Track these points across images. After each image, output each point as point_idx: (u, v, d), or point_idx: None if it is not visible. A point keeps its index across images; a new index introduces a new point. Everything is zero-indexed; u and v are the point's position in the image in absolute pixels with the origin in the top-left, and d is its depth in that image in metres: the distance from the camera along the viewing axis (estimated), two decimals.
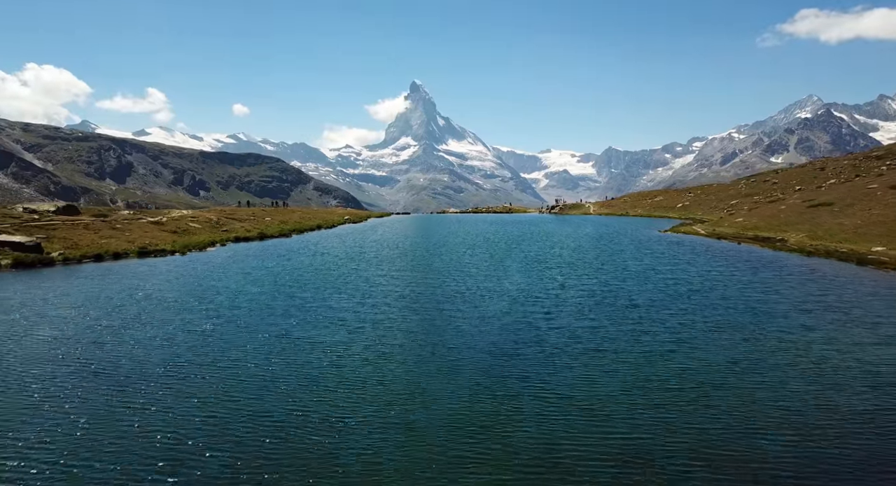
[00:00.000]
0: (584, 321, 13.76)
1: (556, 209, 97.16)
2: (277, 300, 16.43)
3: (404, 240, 38.82)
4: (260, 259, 26.73)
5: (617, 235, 41.45)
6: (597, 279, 20.33)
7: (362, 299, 16.75)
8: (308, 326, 13.39)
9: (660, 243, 35.44)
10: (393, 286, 19.02)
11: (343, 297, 17.03)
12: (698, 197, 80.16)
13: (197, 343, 11.88)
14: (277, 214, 56.41)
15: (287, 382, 9.59)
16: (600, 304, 15.87)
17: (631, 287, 18.57)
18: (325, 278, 20.68)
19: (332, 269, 23.30)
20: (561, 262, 25.52)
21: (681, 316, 14.27)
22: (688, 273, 21.53)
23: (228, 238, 36.85)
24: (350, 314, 14.63)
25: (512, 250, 30.79)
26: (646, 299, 16.45)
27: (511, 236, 41.16)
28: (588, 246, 32.88)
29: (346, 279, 20.46)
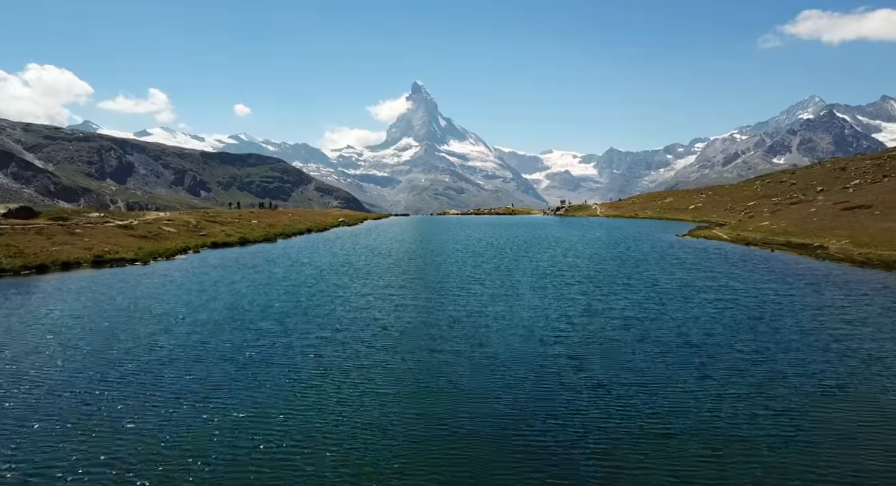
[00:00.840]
0: (629, 374, 10.04)
1: (562, 211, 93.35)
2: (222, 335, 12.72)
3: (399, 246, 35.15)
4: (229, 270, 23.06)
5: (632, 241, 37.72)
6: (627, 300, 16.61)
7: (334, 332, 13.06)
8: (247, 380, 9.70)
9: (683, 249, 31.70)
10: (377, 311, 15.33)
11: (310, 329, 13.35)
12: (711, 198, 76.31)
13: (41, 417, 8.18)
14: (266, 217, 52.78)
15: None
16: (643, 341, 12.14)
17: (673, 312, 14.85)
18: (296, 299, 16.99)
19: (309, 285, 19.62)
20: (579, 274, 21.80)
21: (760, 363, 10.53)
22: (734, 291, 17.81)
23: (204, 243, 33.24)
24: (310, 359, 10.93)
25: (520, 259, 27.07)
26: (700, 333, 12.73)
27: (517, 242, 37.45)
28: (605, 254, 29.12)
29: (321, 300, 16.77)
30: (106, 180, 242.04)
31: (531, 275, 21.91)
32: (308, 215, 63.26)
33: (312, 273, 22.26)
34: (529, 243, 36.84)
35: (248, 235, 38.23)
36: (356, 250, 32.24)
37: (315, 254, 29.75)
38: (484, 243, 37.15)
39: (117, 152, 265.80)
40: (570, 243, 36.76)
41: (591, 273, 22.20)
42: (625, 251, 30.61)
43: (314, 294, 17.67)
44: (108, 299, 16.84)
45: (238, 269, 23.67)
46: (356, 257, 28.40)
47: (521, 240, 39.09)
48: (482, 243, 37.14)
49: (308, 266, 24.47)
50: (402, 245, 35.43)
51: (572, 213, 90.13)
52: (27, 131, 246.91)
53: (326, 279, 20.79)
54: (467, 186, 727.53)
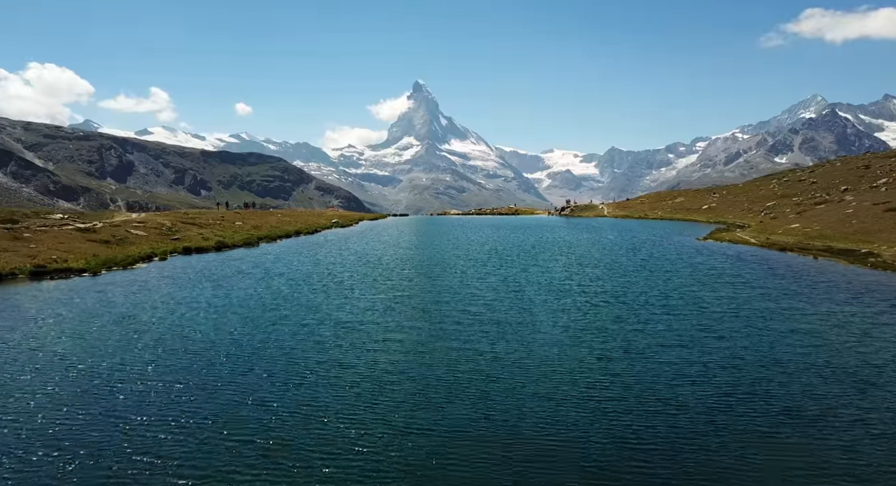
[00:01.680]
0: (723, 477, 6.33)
1: (567, 211, 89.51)
2: (114, 397, 9.04)
3: (393, 252, 31.47)
4: (185, 285, 19.37)
5: (651, 245, 33.98)
6: (674, 331, 12.92)
7: (283, 390, 9.34)
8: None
9: (713, 256, 27.96)
10: (349, 352, 11.65)
11: (254, 380, 9.67)
12: (725, 198, 72.46)
13: None
14: (252, 218, 49.10)
15: None
16: (724, 407, 8.43)
17: (744, 352, 11.15)
18: (251, 329, 13.33)
19: (273, 307, 15.95)
20: (603, 291, 18.09)
21: None
22: (807, 318, 14.10)
23: (175, 249, 29.59)
24: (231, 447, 7.24)
25: (530, 270, 23.34)
26: (798, 392, 9.02)
27: (525, 247, 33.72)
28: (627, 263, 25.37)
29: (281, 335, 13.07)
30: (106, 179, 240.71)
31: (546, 291, 18.19)
32: (299, 216, 59.59)
33: (283, 290, 18.56)
34: (538, 248, 33.12)
35: (228, 238, 34.58)
36: (343, 257, 28.55)
37: (295, 262, 26.05)
38: (487, 248, 33.45)
39: (117, 151, 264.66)
40: (583, 247, 33.03)
41: (617, 289, 18.47)
42: (648, 259, 26.88)
43: (275, 324, 13.96)
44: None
45: (198, 283, 19.96)
46: (342, 266, 24.70)
47: (529, 245, 35.39)
48: (485, 248, 33.44)
49: (281, 279, 20.77)
50: (396, 251, 31.73)
51: (578, 213, 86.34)
52: (27, 130, 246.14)
53: (298, 299, 17.09)
54: (468, 185, 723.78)
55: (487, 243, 36.51)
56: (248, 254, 29.99)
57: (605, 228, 52.03)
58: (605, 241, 37.86)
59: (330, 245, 35.27)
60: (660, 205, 79.67)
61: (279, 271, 22.74)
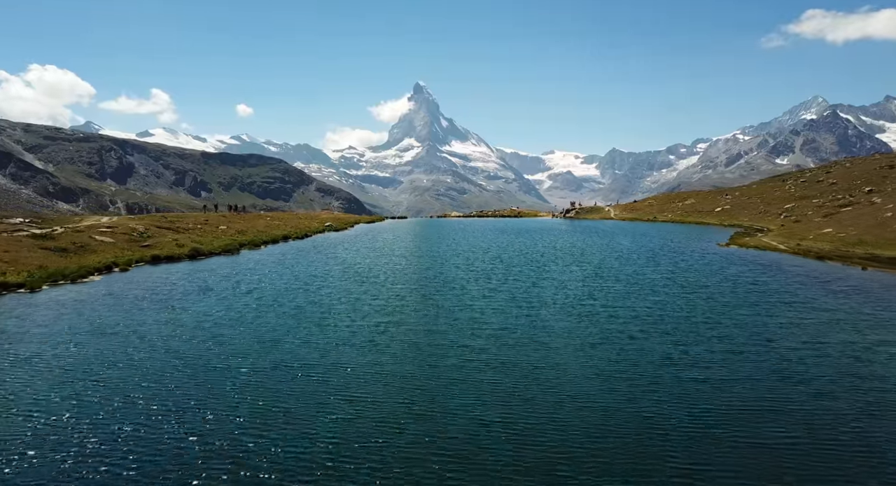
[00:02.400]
0: None
1: (572, 213, 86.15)
2: None
3: (385, 262, 28.17)
4: (127, 308, 16.06)
5: (671, 252, 30.67)
6: (748, 384, 9.61)
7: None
8: None
9: (745, 265, 24.65)
10: (302, 424, 8.36)
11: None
12: (738, 200, 69.08)
13: None
14: (238, 222, 45.77)
15: None
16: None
17: (879, 431, 7.86)
18: (178, 383, 10.04)
19: (224, 341, 12.65)
20: (635, 316, 14.76)
21: None
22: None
23: (143, 257, 26.31)
24: None
25: (542, 286, 20.00)
26: None
27: (532, 255, 30.41)
28: (653, 275, 22.01)
29: (221, 390, 9.77)
30: (106, 181, 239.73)
31: (566, 315, 14.88)
32: (290, 220, 56.26)
33: (245, 316, 15.23)
34: (547, 256, 29.81)
35: (206, 245, 31.28)
36: (328, 268, 25.24)
37: (272, 275, 22.74)
38: (491, 255, 30.14)
39: (118, 153, 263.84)
40: (597, 255, 29.70)
41: (652, 313, 15.15)
42: (675, 270, 23.56)
43: (217, 371, 10.64)
44: None
45: (144, 304, 16.62)
46: (323, 280, 21.38)
47: (536, 252, 32.08)
48: (489, 255, 30.13)
49: (248, 299, 17.42)
50: (389, 260, 28.42)
51: (583, 215, 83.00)
52: (27, 132, 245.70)
53: (258, 328, 13.76)
54: (469, 186, 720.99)
55: (491, 250, 33.20)
56: (224, 263, 26.71)
57: (616, 233, 48.70)
58: (620, 247, 34.53)
59: (317, 253, 31.97)
60: (669, 207, 76.32)
61: (248, 288, 19.40)
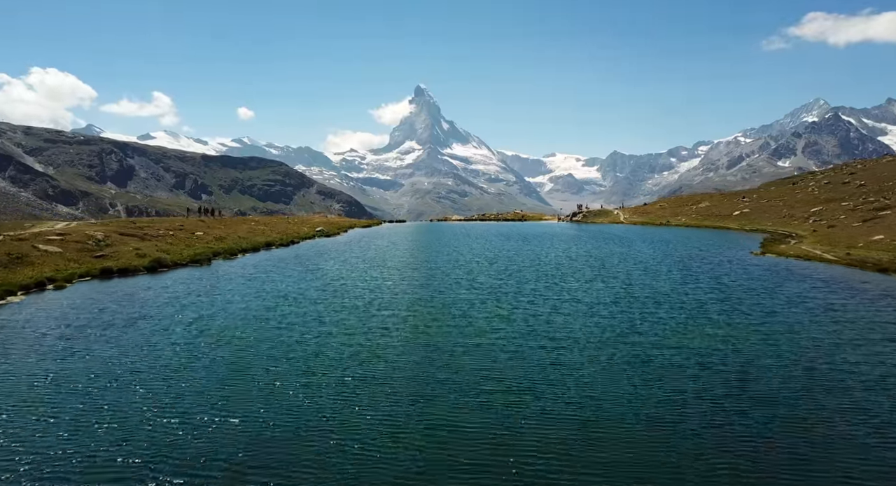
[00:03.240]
0: None
1: (579, 217, 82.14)
2: None
3: (376, 275, 24.30)
4: (21, 348, 12.22)
5: (702, 262, 26.74)
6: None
7: None
8: None
9: (802, 280, 20.74)
10: None
11: None
12: (757, 203, 65.11)
13: None
14: (218, 227, 41.85)
15: None
16: None
17: None
18: None
19: (134, 403, 8.76)
20: (704, 365, 10.83)
21: None
22: None
23: (91, 270, 22.47)
24: None
25: (565, 310, 16.08)
26: None
27: (545, 266, 26.46)
28: (700, 296, 18.01)
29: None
30: (106, 184, 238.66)
31: (610, 362, 10.91)
32: (277, 224, 52.31)
33: (175, 359, 11.26)
34: (562, 267, 25.89)
35: (174, 254, 27.49)
36: (304, 285, 21.32)
37: (231, 296, 18.75)
38: (498, 267, 26.22)
39: (118, 156, 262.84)
40: (622, 267, 25.77)
41: (728, 357, 11.15)
42: (721, 288, 19.58)
43: (94, 466, 6.77)
44: None
45: (37, 344, 12.70)
46: (293, 302, 17.43)
47: (549, 262, 28.17)
48: (495, 267, 26.23)
49: (181, 335, 13.43)
50: (379, 274, 24.50)
51: (591, 219, 79.04)
52: (28, 135, 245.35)
53: (189, 380, 9.85)
54: (470, 189, 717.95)
55: (498, 260, 29.28)
56: (186, 278, 22.85)
57: (632, 239, 44.76)
58: (643, 256, 30.63)
59: (298, 264, 28.07)
60: (682, 210, 72.40)
61: (194, 316, 15.41)
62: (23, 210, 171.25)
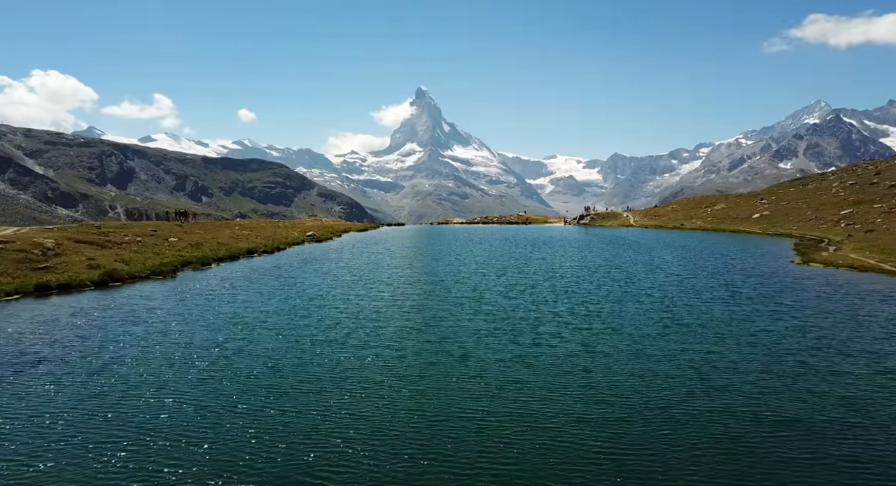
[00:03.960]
0: None
1: (586, 219, 78.33)
2: None
3: (363, 292, 20.52)
4: None
5: (739, 273, 22.96)
6: None
7: None
8: None
9: (879, 299, 17.00)
10: None
11: None
12: (777, 205, 61.28)
13: None
14: (197, 232, 38.04)
15: None
16: None
17: None
18: None
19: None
20: (805, 440, 7.17)
21: None
22: None
23: (22, 287, 18.76)
24: None
25: (602, 348, 12.23)
26: None
27: (565, 281, 22.58)
28: (775, 328, 14.18)
29: None
30: (106, 186, 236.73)
31: (687, 441, 7.22)
32: (264, 229, 48.45)
33: (53, 435, 7.64)
34: (583, 281, 22.05)
35: (136, 264, 23.82)
36: (272, 306, 17.50)
37: (180, 322, 14.97)
38: (508, 279, 22.41)
39: (118, 158, 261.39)
40: (651, 281, 21.88)
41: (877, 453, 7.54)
42: (792, 314, 15.78)
43: None
44: None
45: None
46: (251, 332, 13.58)
47: (567, 274, 24.31)
48: (505, 281, 22.42)
49: (96, 382, 9.73)
50: (367, 292, 20.62)
51: (600, 222, 75.25)
52: (28, 137, 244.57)
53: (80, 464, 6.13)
54: (471, 191, 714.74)
55: (506, 271, 25.47)
56: (139, 294, 19.11)
57: (651, 245, 40.91)
58: (670, 267, 26.84)
59: (276, 276, 24.27)
60: (696, 213, 68.61)
61: (113, 355, 11.44)
62: (22, 212, 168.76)
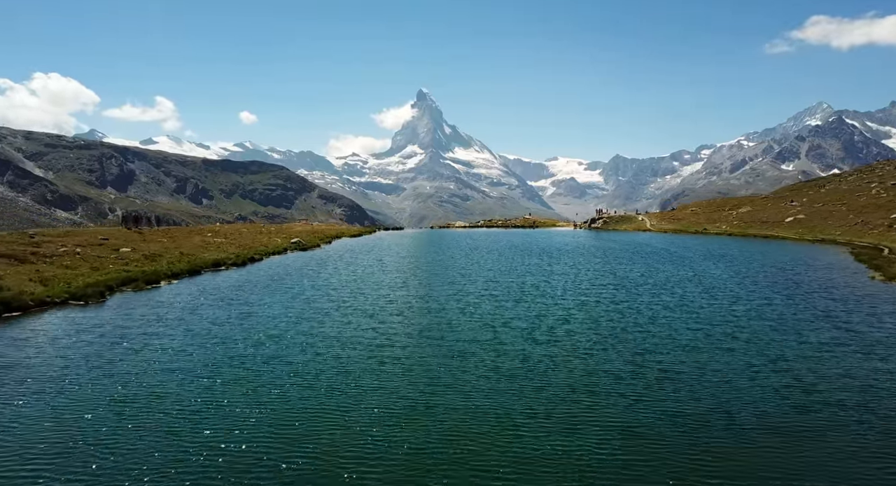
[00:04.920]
0: None
1: (599, 223, 72.98)
2: None
3: (335, 330, 15.17)
4: None
5: (818, 295, 17.70)
6: None
7: None
8: None
9: None
10: None
11: None
12: (812, 207, 55.87)
13: None
14: (158, 240, 32.63)
15: None
16: None
17: None
18: None
19: None
20: None
21: None
22: None
23: None
24: None
25: (717, 468, 7.12)
26: None
27: (605, 311, 17.16)
28: None
29: None
30: (107, 188, 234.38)
31: None
32: (243, 235, 42.90)
33: None
34: (624, 304, 16.61)
35: (54, 285, 18.75)
36: (209, 351, 12.21)
37: (39, 394, 9.79)
38: (529, 309, 17.03)
39: (118, 160, 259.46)
40: (716, 309, 16.38)
41: None
42: None
43: None
44: None
45: None
46: (156, 410, 8.47)
47: (602, 295, 18.94)
48: (524, 307, 17.04)
49: None
50: (338, 327, 15.19)
51: (613, 226, 69.94)
52: (28, 139, 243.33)
53: None
54: (472, 193, 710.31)
55: (525, 295, 19.85)
56: (29, 332, 13.92)
57: (685, 254, 35.43)
58: (726, 286, 21.50)
59: (230, 301, 18.80)
60: (719, 216, 63.32)
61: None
62: (21, 215, 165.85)
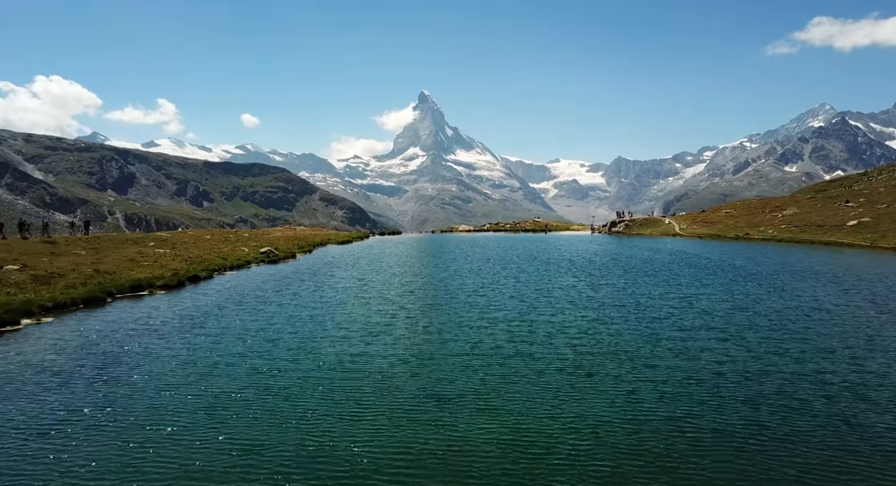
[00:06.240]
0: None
1: (620, 226, 67.41)
2: None
3: (243, 440, 8.44)
4: None
5: None
6: None
7: None
8: None
9: None
10: None
11: None
12: (874, 209, 50.20)
13: None
14: (74, 252, 26.71)
15: None
16: None
17: None
18: None
19: None
20: None
21: None
22: None
23: None
24: None
25: None
26: None
27: (704, 382, 10.30)
28: None
29: None
30: (107, 191, 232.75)
31: None
32: (202, 244, 36.62)
33: None
34: (736, 379, 9.61)
35: None
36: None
37: None
38: (582, 380, 10.03)
39: (119, 163, 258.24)
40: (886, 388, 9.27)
41: None
42: None
43: None
44: None
45: None
46: None
47: (699, 339, 11.65)
48: (577, 381, 10.06)
49: None
50: (265, 429, 8.48)
51: (637, 230, 64.33)
52: (28, 142, 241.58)
53: None
54: (474, 195, 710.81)
55: (567, 354, 12.95)
56: None
57: (756, 269, 28.89)
58: (859, 323, 14.51)
59: (95, 367, 12.26)
60: (761, 219, 63.53)
61: None
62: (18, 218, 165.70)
